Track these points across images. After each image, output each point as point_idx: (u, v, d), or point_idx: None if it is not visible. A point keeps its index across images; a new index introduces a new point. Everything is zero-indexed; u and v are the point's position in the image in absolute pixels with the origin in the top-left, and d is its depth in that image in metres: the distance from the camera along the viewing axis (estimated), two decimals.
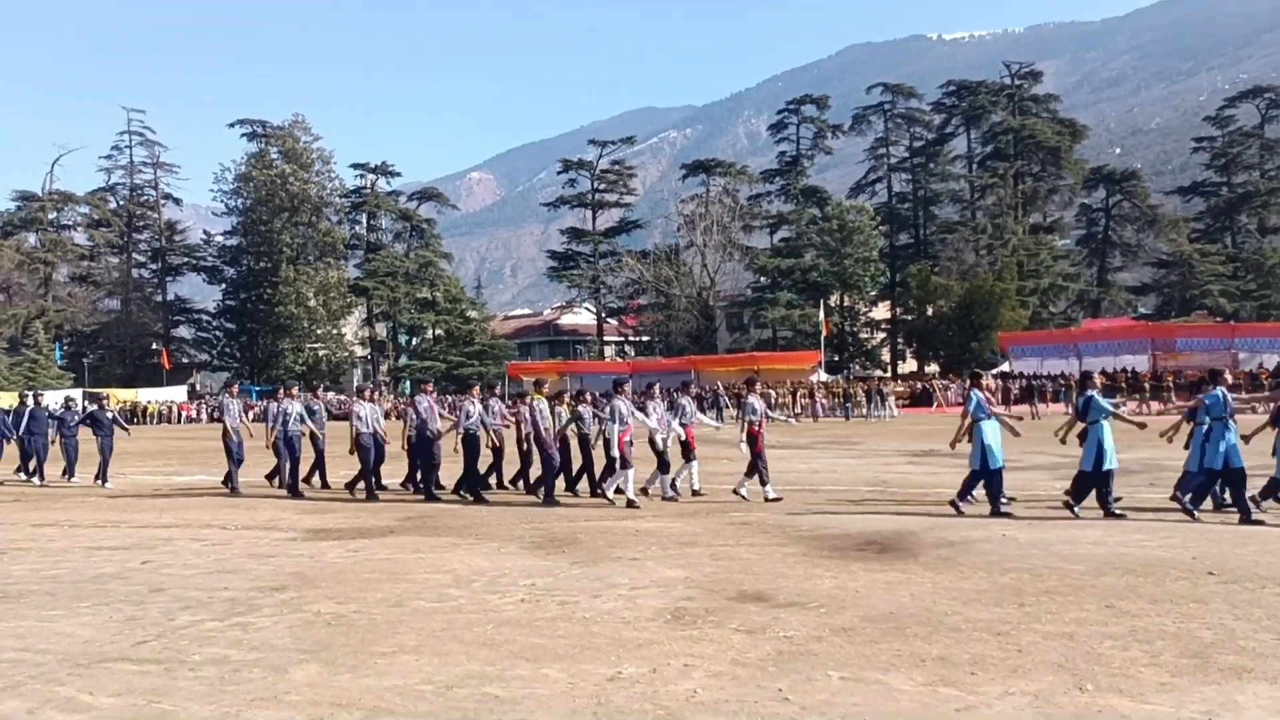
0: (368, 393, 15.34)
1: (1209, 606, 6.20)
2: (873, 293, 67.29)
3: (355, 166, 79.16)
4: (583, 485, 13.35)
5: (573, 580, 7.60)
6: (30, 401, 18.16)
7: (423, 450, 13.76)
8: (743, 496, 12.43)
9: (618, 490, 12.35)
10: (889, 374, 62.92)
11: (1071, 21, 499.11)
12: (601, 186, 76.24)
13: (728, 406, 33.46)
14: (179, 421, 55.56)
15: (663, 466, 12.74)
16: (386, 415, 14.84)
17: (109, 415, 17.77)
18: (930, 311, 60.90)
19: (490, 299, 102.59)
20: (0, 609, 7.05)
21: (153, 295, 79.04)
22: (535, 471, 13.40)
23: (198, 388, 74.98)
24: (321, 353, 76.42)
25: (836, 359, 62.56)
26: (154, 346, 75.97)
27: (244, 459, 15.38)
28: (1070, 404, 33.66)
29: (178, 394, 65.09)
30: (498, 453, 14.15)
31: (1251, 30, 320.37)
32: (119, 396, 53.78)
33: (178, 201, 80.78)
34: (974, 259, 62.13)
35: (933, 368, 60.43)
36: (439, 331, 73.69)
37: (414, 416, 13.99)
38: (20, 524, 12.10)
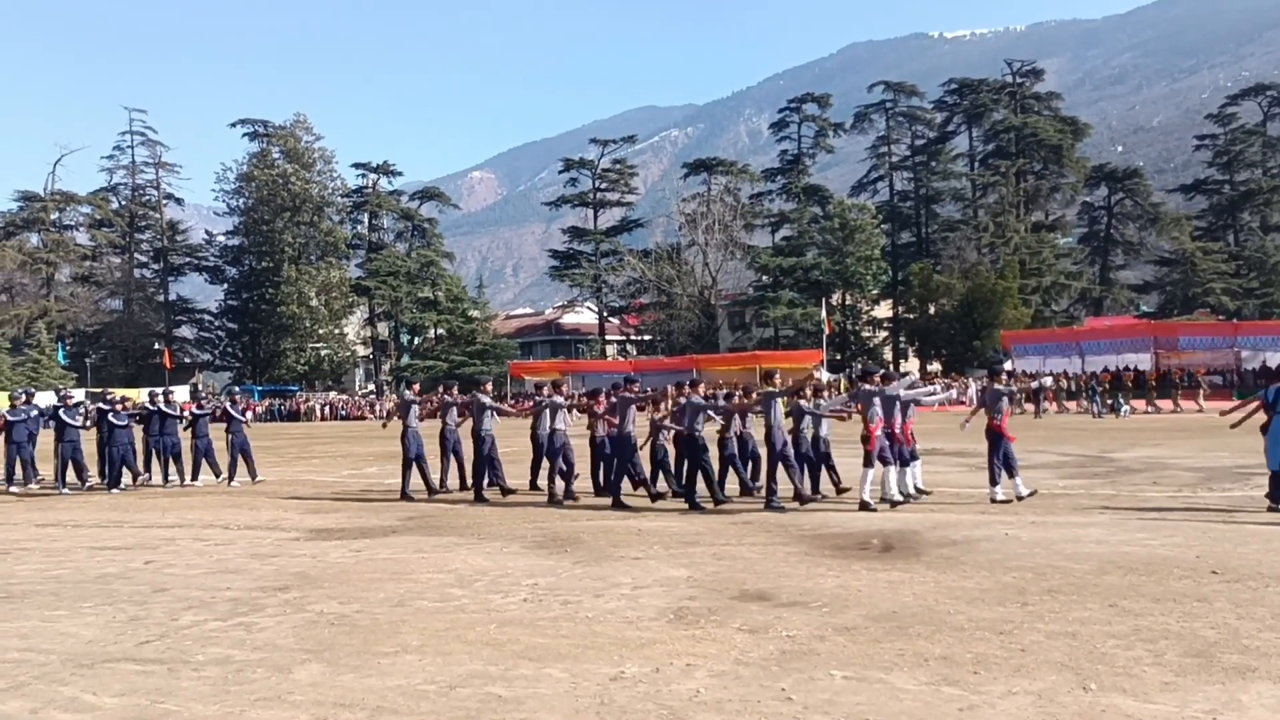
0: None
1: (1212, 605, 6.19)
2: (875, 291, 67.20)
3: (357, 166, 79.20)
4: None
5: (575, 580, 7.60)
6: (161, 401, 17.37)
7: (623, 452, 12.53)
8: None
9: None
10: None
11: (1073, 19, 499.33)
12: (603, 185, 76.20)
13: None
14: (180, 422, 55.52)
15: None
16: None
17: (241, 408, 17.42)
18: (932, 310, 60.86)
19: (492, 298, 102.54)
20: (4, 609, 7.07)
21: (155, 295, 79.04)
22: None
23: (200, 387, 74.99)
24: (324, 352, 76.51)
25: (839, 358, 62.53)
26: (156, 346, 75.89)
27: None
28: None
29: (180, 394, 64.99)
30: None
31: (1253, 27, 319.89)
32: (128, 396, 53.76)
33: (179, 201, 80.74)
34: (976, 257, 62.07)
35: (935, 366, 60.39)
36: (441, 331, 73.67)
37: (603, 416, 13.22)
38: (24, 524, 12.12)
